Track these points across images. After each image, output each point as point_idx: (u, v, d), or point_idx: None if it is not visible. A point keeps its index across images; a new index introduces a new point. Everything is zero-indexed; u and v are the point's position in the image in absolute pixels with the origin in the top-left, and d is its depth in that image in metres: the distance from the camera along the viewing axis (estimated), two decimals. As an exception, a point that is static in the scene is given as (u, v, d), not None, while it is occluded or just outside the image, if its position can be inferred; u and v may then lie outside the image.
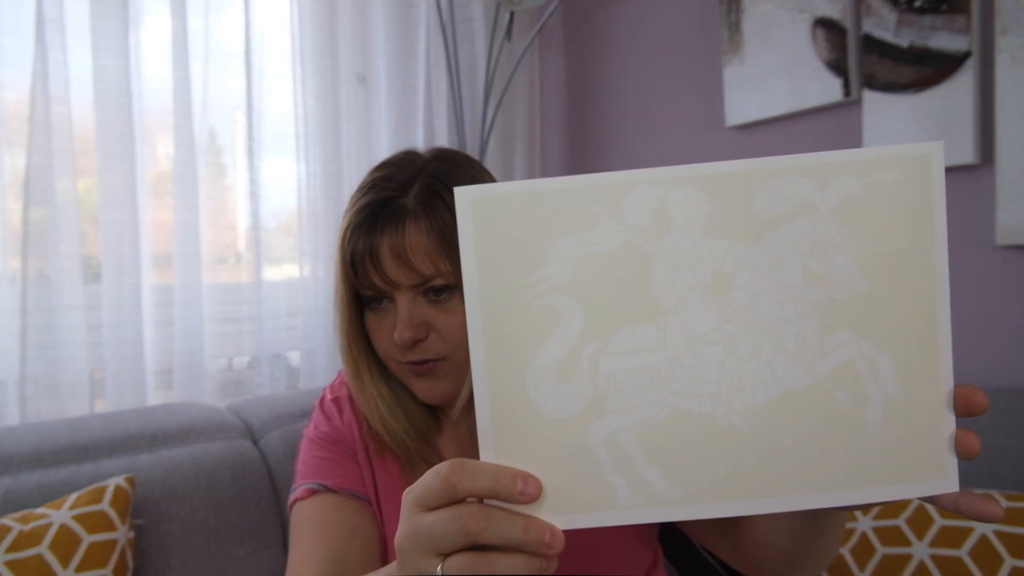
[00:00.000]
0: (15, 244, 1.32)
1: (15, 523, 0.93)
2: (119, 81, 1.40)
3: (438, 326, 0.70)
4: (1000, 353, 1.24)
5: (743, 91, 1.55)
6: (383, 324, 0.72)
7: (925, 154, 0.40)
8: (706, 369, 0.39)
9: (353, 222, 0.71)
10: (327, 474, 0.77)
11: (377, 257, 0.69)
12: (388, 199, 0.70)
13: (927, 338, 0.41)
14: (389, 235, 0.69)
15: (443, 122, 1.87)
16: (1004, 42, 1.16)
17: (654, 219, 0.38)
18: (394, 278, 0.69)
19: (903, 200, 0.40)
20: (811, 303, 0.39)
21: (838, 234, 0.39)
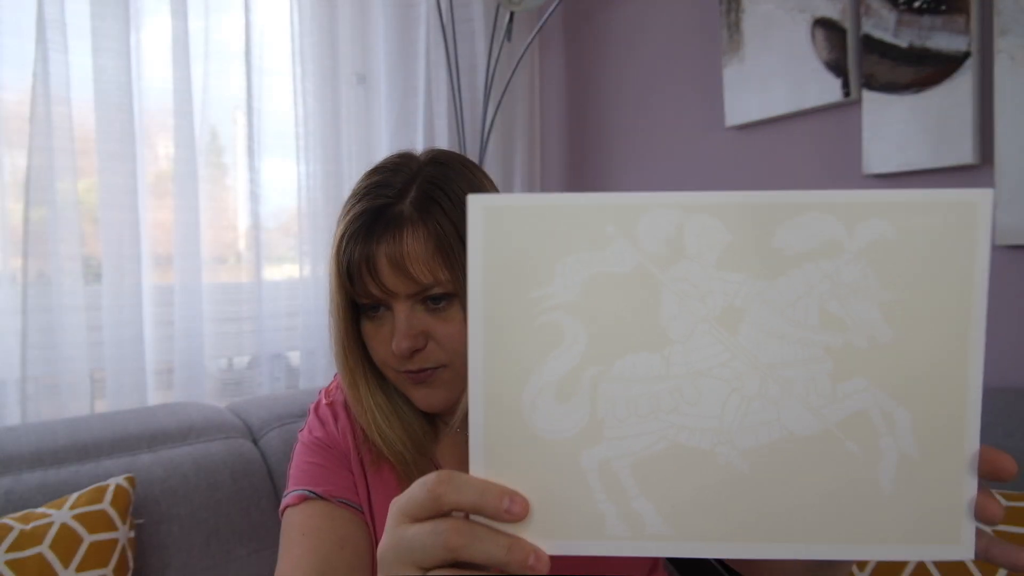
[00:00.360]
0: (16, 244, 1.32)
1: (16, 523, 0.93)
2: (120, 81, 1.40)
3: (436, 335, 0.69)
4: (1000, 353, 1.24)
5: (743, 91, 1.55)
6: (380, 333, 0.71)
7: (971, 201, 0.36)
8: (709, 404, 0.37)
9: (348, 230, 0.69)
10: (319, 481, 0.76)
11: (374, 266, 0.67)
12: (384, 206, 0.68)
13: (953, 397, 0.37)
14: (386, 243, 0.67)
15: (443, 122, 1.87)
16: (1003, 42, 1.16)
17: (668, 245, 0.37)
18: (392, 287, 0.67)
19: (941, 249, 0.37)
20: (826, 347, 0.37)
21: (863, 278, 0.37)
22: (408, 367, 0.70)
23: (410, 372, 0.70)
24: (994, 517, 0.37)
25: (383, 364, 0.72)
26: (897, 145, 1.30)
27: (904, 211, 0.37)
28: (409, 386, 0.72)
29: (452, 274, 0.67)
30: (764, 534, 0.37)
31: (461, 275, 0.66)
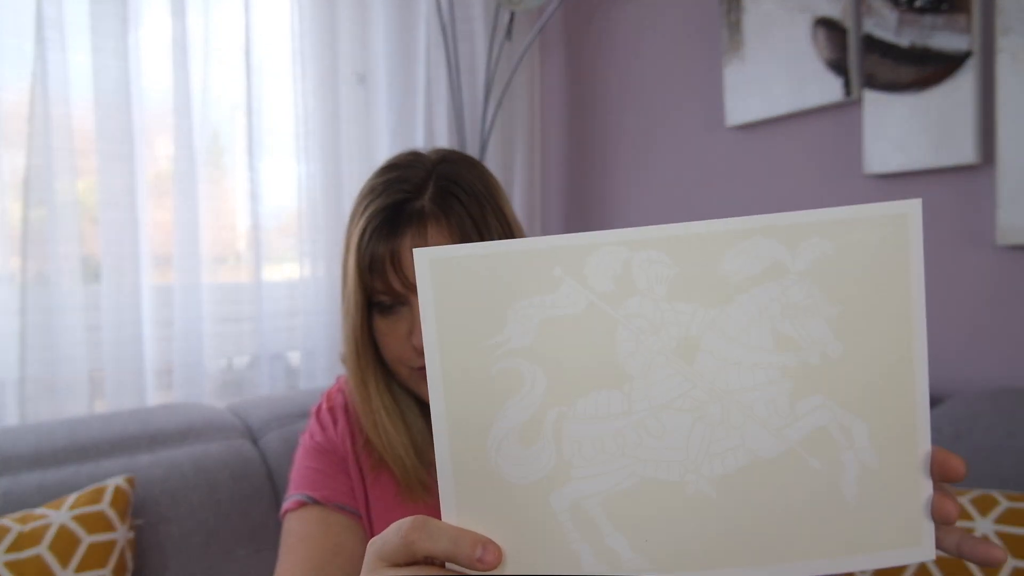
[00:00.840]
0: (14, 244, 1.32)
1: (14, 523, 0.92)
2: (119, 81, 1.40)
3: None
4: (1000, 353, 1.24)
5: (743, 91, 1.55)
6: (396, 329, 0.71)
7: (902, 213, 0.39)
8: (674, 436, 0.38)
9: (371, 225, 0.69)
10: (317, 486, 0.77)
11: (399, 260, 0.68)
12: (404, 201, 0.69)
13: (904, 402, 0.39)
14: (411, 237, 0.68)
15: (443, 122, 1.87)
16: (1005, 42, 1.15)
17: (617, 282, 0.38)
18: (412, 280, 0.68)
19: (879, 261, 0.38)
20: (782, 368, 0.38)
21: (810, 297, 0.38)
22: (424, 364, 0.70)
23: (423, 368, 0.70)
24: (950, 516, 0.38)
25: (396, 361, 0.72)
26: (898, 145, 1.30)
27: (841, 228, 0.38)
28: (422, 383, 0.72)
29: None
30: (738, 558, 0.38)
31: None
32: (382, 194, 0.71)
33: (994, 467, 0.99)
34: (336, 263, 1.73)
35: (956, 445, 1.05)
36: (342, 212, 1.74)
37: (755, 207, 1.59)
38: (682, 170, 1.74)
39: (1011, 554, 0.82)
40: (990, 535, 0.84)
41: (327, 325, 1.71)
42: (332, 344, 1.72)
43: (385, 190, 0.71)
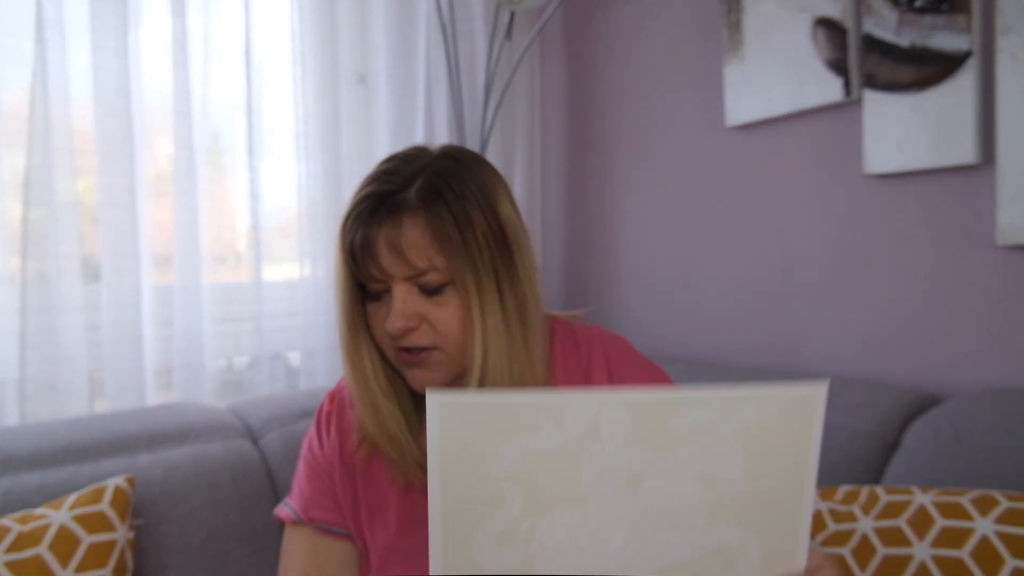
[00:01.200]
0: (14, 244, 1.32)
1: (14, 523, 0.92)
2: (119, 81, 1.40)
3: (431, 318, 0.72)
4: (1000, 353, 1.24)
5: (743, 91, 1.55)
6: (379, 313, 0.73)
7: (809, 395, 0.50)
8: (617, 543, 0.50)
9: (353, 211, 0.72)
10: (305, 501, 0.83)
11: (373, 248, 0.70)
12: (390, 192, 0.72)
13: (790, 531, 0.52)
14: (386, 228, 0.70)
15: (443, 122, 1.87)
16: (1005, 42, 1.15)
17: (587, 430, 0.48)
18: (388, 269, 0.70)
19: (788, 430, 0.51)
20: (703, 499, 0.50)
21: (732, 451, 0.50)
22: (402, 344, 0.73)
23: (405, 353, 0.73)
24: None
25: (381, 343, 0.75)
26: (898, 145, 1.30)
27: (761, 403, 0.50)
28: (405, 367, 0.75)
29: (449, 262, 0.70)
30: None
31: (457, 263, 0.70)
32: (372, 182, 0.74)
33: (994, 467, 1.00)
34: (336, 263, 1.73)
35: (956, 445, 1.05)
36: (342, 212, 1.73)
37: (755, 207, 1.59)
38: (682, 170, 1.74)
39: (1012, 555, 0.82)
40: (990, 536, 0.84)
41: (327, 325, 1.71)
42: (332, 344, 1.72)
43: (376, 179, 0.74)
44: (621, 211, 1.90)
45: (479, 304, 0.71)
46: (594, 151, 1.97)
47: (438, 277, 0.71)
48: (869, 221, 1.40)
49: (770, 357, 1.57)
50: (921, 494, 0.93)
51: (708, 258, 1.70)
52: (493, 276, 0.72)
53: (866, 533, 0.93)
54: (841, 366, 1.45)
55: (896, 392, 1.24)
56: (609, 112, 1.92)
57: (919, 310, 1.34)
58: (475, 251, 0.71)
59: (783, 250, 1.55)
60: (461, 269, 0.70)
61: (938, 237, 1.30)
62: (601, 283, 1.95)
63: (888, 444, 1.15)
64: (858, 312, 1.43)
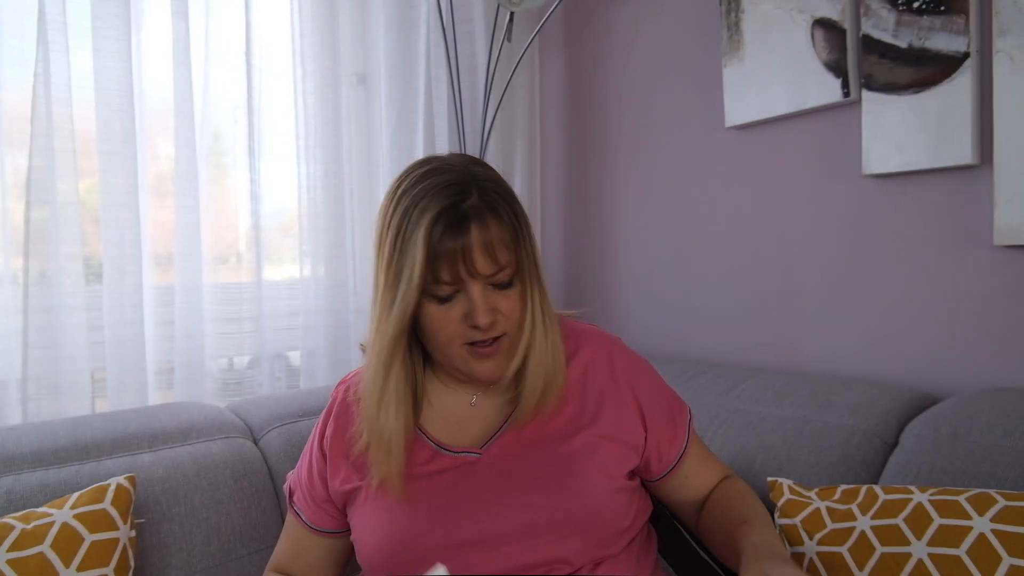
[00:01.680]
0: (17, 244, 1.32)
1: (17, 522, 0.93)
2: (120, 82, 1.40)
3: (502, 309, 0.80)
4: (998, 352, 1.24)
5: (743, 91, 1.55)
6: (450, 314, 0.79)
7: None
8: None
9: (438, 225, 0.76)
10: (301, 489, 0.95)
11: (469, 251, 0.76)
12: (460, 201, 0.78)
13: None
14: (476, 232, 0.77)
15: (443, 122, 1.87)
16: (1002, 43, 1.16)
17: None
18: (481, 270, 0.77)
19: None
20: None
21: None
22: (480, 338, 0.80)
23: (480, 345, 0.81)
24: None
25: (447, 343, 0.81)
26: (897, 145, 1.31)
27: None
28: (474, 361, 0.82)
29: (515, 257, 0.80)
30: None
31: (520, 257, 0.81)
32: (438, 193, 0.78)
33: (992, 466, 1.00)
34: (336, 263, 1.74)
35: (954, 445, 1.06)
36: (342, 212, 1.74)
37: (753, 207, 1.60)
38: (681, 170, 1.74)
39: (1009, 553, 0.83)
40: (987, 534, 0.85)
41: (327, 325, 1.72)
42: (332, 344, 1.72)
43: (441, 190, 0.78)
44: (620, 211, 1.90)
45: (530, 292, 0.82)
46: (593, 151, 1.97)
47: (509, 272, 0.80)
48: (867, 221, 1.40)
49: (769, 357, 1.58)
50: (919, 493, 0.93)
51: (707, 258, 1.70)
52: (535, 268, 0.83)
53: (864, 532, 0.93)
54: (839, 365, 1.45)
55: (894, 391, 1.24)
56: (608, 112, 1.92)
57: (917, 310, 1.34)
58: (527, 245, 0.82)
59: (782, 250, 1.55)
60: (523, 262, 0.81)
61: (936, 237, 1.31)
62: (600, 283, 1.95)
63: (886, 443, 1.16)
64: (856, 312, 1.43)
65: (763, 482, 1.15)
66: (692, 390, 1.43)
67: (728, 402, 1.36)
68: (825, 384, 1.30)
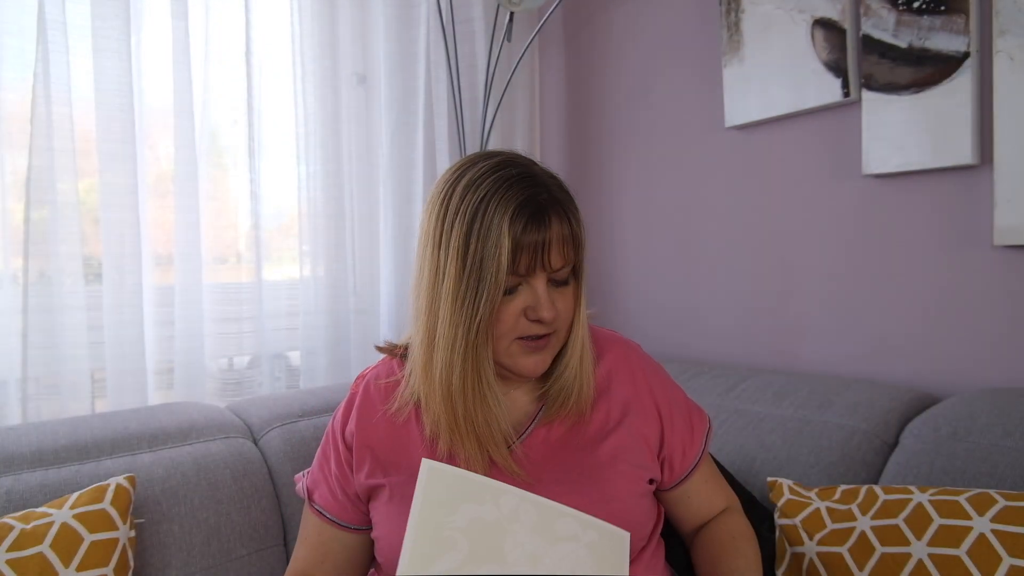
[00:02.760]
0: (16, 244, 1.32)
1: (16, 522, 0.93)
2: (120, 81, 1.40)
3: (559, 305, 0.81)
4: (998, 353, 1.24)
5: (742, 91, 1.55)
6: (512, 307, 0.79)
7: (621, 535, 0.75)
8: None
9: (516, 211, 0.76)
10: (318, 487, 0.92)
11: (548, 245, 0.77)
12: (537, 194, 0.78)
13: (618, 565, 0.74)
14: (556, 226, 0.78)
15: (443, 122, 1.87)
16: (1002, 43, 1.16)
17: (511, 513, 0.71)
18: (554, 263, 0.78)
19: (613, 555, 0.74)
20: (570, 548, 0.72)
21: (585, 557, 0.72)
22: (537, 332, 0.81)
23: (534, 339, 0.81)
24: None
25: (506, 335, 0.81)
26: (896, 145, 1.31)
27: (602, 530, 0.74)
28: (522, 354, 0.82)
29: (578, 256, 0.82)
30: None
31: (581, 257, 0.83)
32: (519, 185, 0.78)
33: (991, 466, 1.00)
34: (336, 263, 1.74)
35: (953, 444, 1.06)
36: (342, 212, 1.75)
37: (753, 207, 1.60)
38: (681, 170, 1.74)
39: (1009, 553, 0.83)
40: (987, 534, 0.85)
41: (327, 325, 1.72)
42: (332, 344, 1.72)
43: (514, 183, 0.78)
44: (620, 211, 1.90)
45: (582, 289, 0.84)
46: (593, 151, 1.97)
47: (570, 269, 0.81)
48: (867, 221, 1.40)
49: (769, 357, 1.58)
50: (919, 493, 0.93)
51: (707, 258, 1.70)
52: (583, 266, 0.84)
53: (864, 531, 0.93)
54: (839, 365, 1.45)
55: (894, 392, 1.24)
56: (608, 112, 1.92)
57: (917, 310, 1.34)
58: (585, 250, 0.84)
59: (781, 250, 1.55)
60: (583, 262, 0.83)
61: (936, 237, 1.31)
62: (600, 283, 1.95)
63: (886, 443, 1.16)
64: (856, 312, 1.43)
65: (763, 482, 1.15)
66: (692, 390, 1.43)
67: (728, 402, 1.36)
68: (825, 384, 1.30)
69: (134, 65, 1.43)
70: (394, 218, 1.81)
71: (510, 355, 0.81)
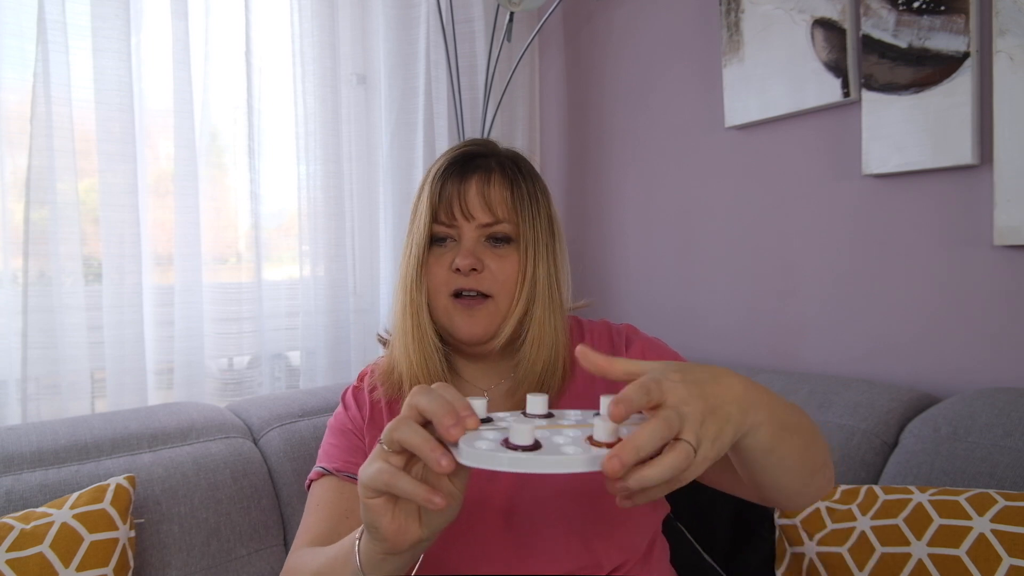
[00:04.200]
0: (16, 244, 1.32)
1: (16, 522, 0.93)
2: (120, 81, 1.40)
3: (491, 266, 0.82)
4: (998, 353, 1.24)
5: (742, 91, 1.55)
6: (443, 259, 0.83)
7: None
8: None
9: (445, 166, 0.84)
10: (333, 459, 0.87)
11: (464, 194, 0.82)
12: (479, 154, 0.86)
13: None
14: (477, 178, 0.83)
15: (443, 122, 1.87)
16: (1002, 43, 1.16)
17: None
18: (472, 212, 0.82)
19: None
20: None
21: None
22: (463, 285, 0.82)
23: (462, 296, 0.82)
24: None
25: (437, 290, 0.83)
26: (896, 145, 1.31)
27: None
28: (455, 312, 0.83)
29: (516, 223, 0.83)
30: None
31: (524, 224, 0.84)
32: (463, 148, 0.87)
33: (991, 466, 1.00)
34: (336, 263, 1.74)
35: (954, 444, 1.06)
36: (342, 212, 1.75)
37: (753, 207, 1.60)
38: (681, 170, 1.74)
39: (1009, 553, 0.83)
40: (987, 534, 0.85)
41: (327, 325, 1.72)
42: (332, 344, 1.72)
43: (465, 146, 0.87)
44: (620, 211, 1.90)
45: (532, 264, 0.83)
46: (593, 151, 1.97)
47: (507, 229, 0.83)
48: (867, 222, 1.40)
49: (769, 357, 1.58)
50: (919, 493, 0.93)
51: (707, 258, 1.70)
52: (544, 248, 0.85)
53: (864, 532, 0.93)
54: (839, 365, 1.45)
55: (894, 391, 1.24)
56: (608, 112, 1.92)
57: (917, 310, 1.34)
58: (537, 222, 0.85)
59: (781, 250, 1.55)
60: (526, 229, 0.84)
61: (936, 237, 1.31)
62: (600, 283, 1.95)
63: (886, 443, 1.16)
64: (856, 312, 1.43)
65: (763, 482, 1.15)
66: (692, 390, 1.43)
67: (728, 402, 1.35)
68: (825, 384, 1.30)
69: (134, 65, 1.43)
70: (394, 218, 1.81)
71: (447, 315, 0.84)
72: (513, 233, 0.84)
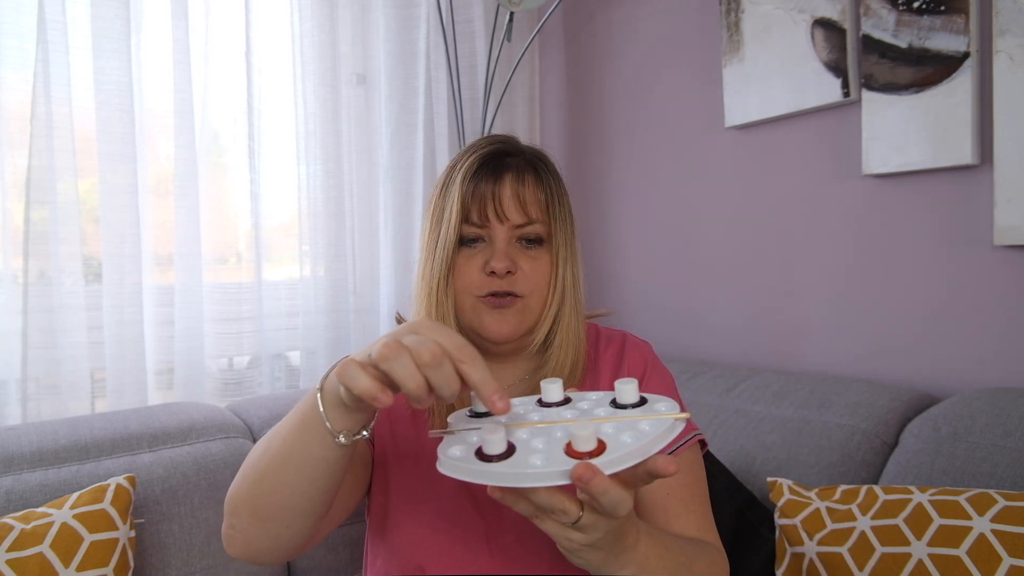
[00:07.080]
0: (17, 244, 1.32)
1: (17, 522, 0.93)
2: (120, 82, 1.40)
3: (524, 267, 0.81)
4: (997, 352, 1.24)
5: (743, 91, 1.55)
6: (473, 260, 0.81)
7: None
8: None
9: (476, 163, 0.81)
10: None
11: (499, 194, 0.80)
12: (508, 152, 0.83)
13: None
14: (510, 177, 0.81)
15: (443, 122, 1.87)
16: (1002, 43, 1.16)
17: None
18: (507, 213, 0.80)
19: None
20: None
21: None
22: (497, 288, 0.80)
23: (493, 296, 0.80)
24: None
25: (465, 290, 0.81)
26: (896, 145, 1.31)
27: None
28: (485, 312, 0.81)
29: (548, 223, 0.82)
30: None
31: (556, 225, 0.83)
32: (490, 145, 0.84)
33: (991, 466, 1.00)
34: (336, 263, 1.74)
35: (954, 444, 1.06)
36: (342, 212, 1.75)
37: (754, 207, 1.59)
38: (681, 170, 1.74)
39: (1009, 553, 0.83)
40: (987, 534, 0.85)
41: (327, 325, 1.72)
42: (332, 344, 1.72)
43: (491, 143, 0.84)
44: (620, 210, 1.90)
45: (562, 266, 0.83)
46: (593, 151, 1.97)
47: (540, 230, 0.81)
48: (868, 221, 1.40)
49: (769, 357, 1.58)
50: (919, 493, 0.93)
51: (707, 258, 1.70)
52: (571, 248, 0.84)
53: (864, 532, 0.93)
54: (839, 365, 1.45)
55: (894, 392, 1.24)
56: (608, 112, 1.92)
57: (917, 310, 1.34)
58: (567, 221, 0.84)
59: (781, 250, 1.55)
60: (557, 231, 0.83)
61: (936, 237, 1.31)
62: (599, 283, 1.95)
63: (886, 443, 1.16)
64: (856, 312, 1.43)
65: (763, 482, 1.15)
66: (692, 390, 1.43)
67: (728, 402, 1.36)
68: (825, 384, 1.30)
69: (134, 65, 1.43)
70: (394, 218, 1.81)
71: (476, 313, 0.81)
72: (545, 234, 0.82)
